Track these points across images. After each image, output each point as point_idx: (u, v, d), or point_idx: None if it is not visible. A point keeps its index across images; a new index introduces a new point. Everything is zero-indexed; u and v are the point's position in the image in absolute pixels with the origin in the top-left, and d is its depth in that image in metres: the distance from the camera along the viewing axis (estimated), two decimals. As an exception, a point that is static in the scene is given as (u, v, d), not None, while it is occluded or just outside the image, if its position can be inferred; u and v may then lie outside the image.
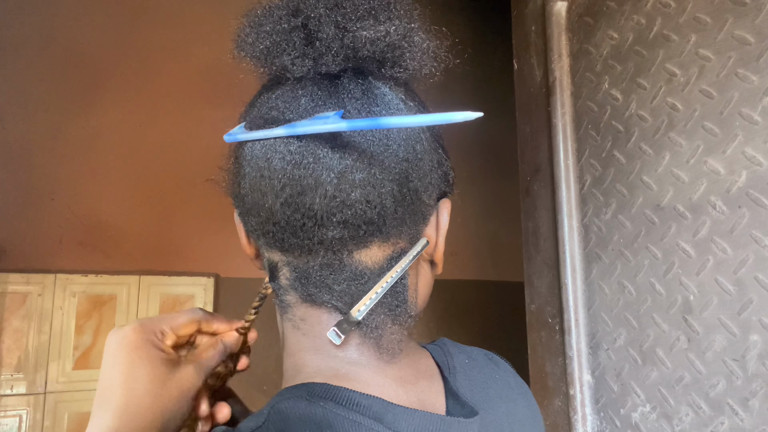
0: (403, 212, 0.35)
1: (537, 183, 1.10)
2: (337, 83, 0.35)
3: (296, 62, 0.34)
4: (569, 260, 0.98)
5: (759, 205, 0.68)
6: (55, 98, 1.69)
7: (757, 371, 0.67)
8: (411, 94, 0.39)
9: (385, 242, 0.35)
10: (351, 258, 0.35)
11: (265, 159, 0.34)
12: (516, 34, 1.20)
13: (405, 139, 0.35)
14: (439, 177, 0.39)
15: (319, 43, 0.33)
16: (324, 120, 0.32)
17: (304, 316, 0.37)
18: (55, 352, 1.58)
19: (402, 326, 0.38)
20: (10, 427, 1.50)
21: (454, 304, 2.31)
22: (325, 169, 0.32)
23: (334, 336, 0.35)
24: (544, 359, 1.04)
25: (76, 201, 1.69)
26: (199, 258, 1.79)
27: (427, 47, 0.36)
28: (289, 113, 0.34)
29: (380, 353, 0.37)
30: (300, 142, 0.33)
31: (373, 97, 0.35)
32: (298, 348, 0.38)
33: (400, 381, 0.37)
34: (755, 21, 0.69)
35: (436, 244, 0.39)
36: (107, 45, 1.77)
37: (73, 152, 1.70)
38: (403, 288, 0.37)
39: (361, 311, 0.35)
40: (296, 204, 0.33)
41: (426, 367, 0.41)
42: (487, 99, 2.38)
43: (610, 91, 0.93)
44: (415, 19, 0.36)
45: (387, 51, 0.34)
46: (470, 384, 0.41)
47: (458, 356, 0.44)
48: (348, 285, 0.35)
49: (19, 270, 1.58)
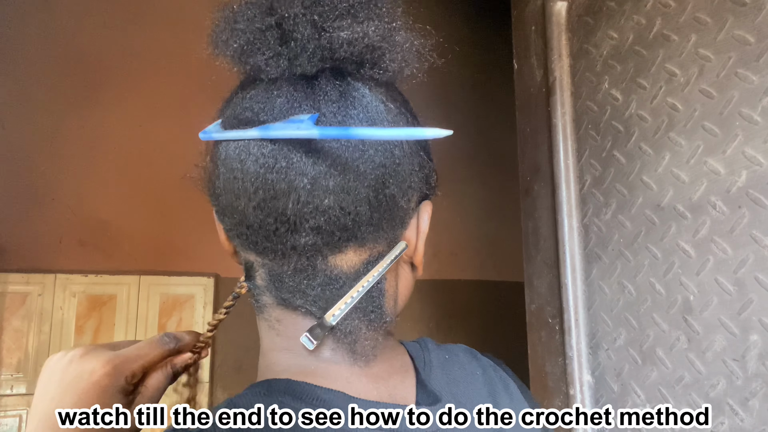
0: (379, 218, 0.34)
1: (537, 183, 1.10)
2: (314, 84, 0.34)
3: (270, 62, 0.33)
4: (569, 260, 0.98)
5: (759, 205, 0.68)
6: (55, 98, 1.69)
7: (757, 371, 0.67)
8: (393, 94, 0.37)
9: (361, 247, 0.35)
10: (325, 263, 0.34)
11: (239, 161, 0.33)
12: (516, 34, 1.20)
13: (382, 144, 0.33)
14: (419, 180, 0.37)
15: (294, 43, 0.32)
16: (298, 124, 0.31)
17: (279, 317, 0.37)
18: (55, 352, 1.57)
19: (377, 331, 0.37)
20: (10, 427, 1.50)
21: (454, 304, 2.31)
22: (298, 174, 0.32)
23: (306, 341, 0.34)
24: (544, 359, 1.04)
25: (76, 201, 1.69)
26: (199, 258, 1.79)
27: (410, 47, 0.35)
28: (264, 114, 0.33)
29: (354, 358, 0.36)
30: (274, 145, 0.32)
31: (351, 100, 0.34)
32: (271, 347, 0.37)
33: (372, 377, 0.37)
34: (755, 21, 0.69)
35: (415, 248, 0.38)
36: (107, 45, 1.77)
37: (73, 152, 1.70)
38: (379, 293, 0.37)
39: (335, 316, 0.34)
40: (269, 208, 0.32)
41: (401, 363, 0.40)
42: (487, 99, 2.38)
43: (610, 91, 0.93)
44: (397, 18, 0.34)
45: (365, 52, 0.33)
46: (447, 379, 0.41)
47: (436, 352, 0.43)
48: (322, 290, 0.35)
49: (19, 270, 1.58)
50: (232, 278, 1.81)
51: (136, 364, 0.39)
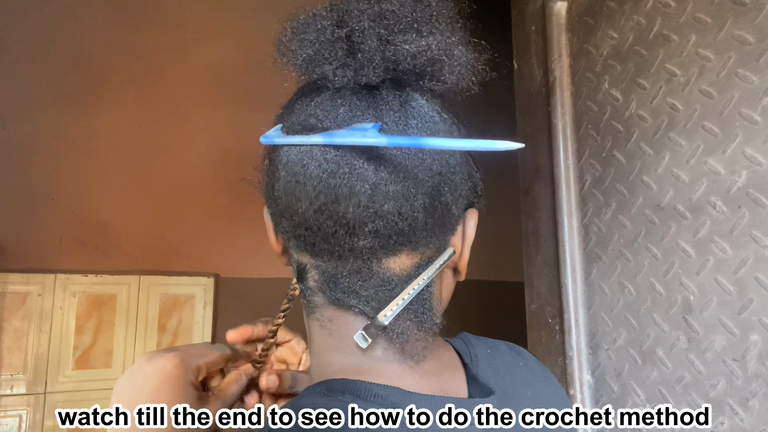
0: (433, 224, 0.36)
1: (537, 183, 1.10)
2: (375, 94, 0.35)
3: (337, 72, 0.35)
4: (569, 260, 0.98)
5: (759, 205, 0.68)
6: (55, 98, 1.69)
7: (757, 371, 0.67)
8: (447, 106, 0.39)
9: (414, 251, 0.36)
10: (380, 265, 0.36)
11: (301, 165, 0.34)
12: (516, 34, 1.20)
13: (439, 153, 0.35)
14: (468, 189, 0.39)
15: (361, 54, 0.34)
16: (362, 132, 0.32)
17: (331, 317, 0.38)
18: (55, 352, 1.58)
19: (427, 332, 0.38)
20: (10, 427, 1.50)
21: (454, 304, 2.30)
22: (359, 180, 0.33)
23: (361, 339, 0.36)
24: (544, 359, 1.03)
25: (76, 201, 1.69)
26: (199, 258, 1.78)
27: (466, 61, 0.37)
28: (327, 122, 0.35)
29: (404, 357, 0.37)
30: (337, 151, 0.33)
31: (410, 110, 0.35)
32: (323, 347, 0.38)
33: (424, 374, 0.38)
34: (755, 21, 0.69)
35: (461, 253, 0.40)
36: (107, 45, 1.77)
37: (73, 152, 1.70)
38: (429, 295, 0.38)
39: (387, 316, 0.35)
40: (330, 212, 0.34)
41: (449, 359, 0.42)
42: (487, 99, 2.38)
43: (610, 91, 0.93)
44: (456, 32, 0.36)
45: (427, 65, 0.35)
46: (494, 372, 0.42)
47: (480, 347, 0.45)
48: (375, 291, 0.36)
49: (19, 270, 1.58)
50: (233, 278, 1.81)
51: (201, 360, 0.42)
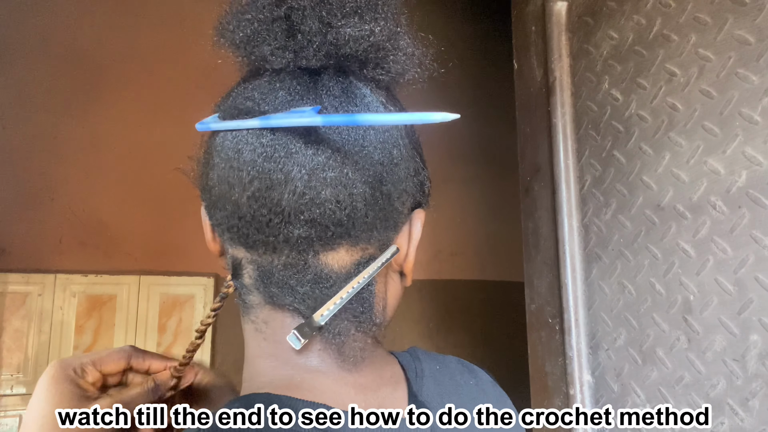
0: (373, 217, 0.34)
1: (537, 183, 1.10)
2: (316, 79, 0.34)
3: (276, 53, 0.33)
4: (569, 260, 0.98)
5: (759, 205, 0.68)
6: (55, 98, 1.69)
7: (757, 371, 0.67)
8: (392, 99, 0.38)
9: (353, 246, 0.34)
10: (316, 259, 0.34)
11: (236, 150, 0.33)
12: (516, 34, 1.20)
13: (381, 142, 0.34)
14: (414, 185, 0.37)
15: (301, 36, 0.33)
16: (300, 114, 0.31)
17: (266, 318, 0.36)
18: (55, 352, 1.58)
19: (366, 334, 0.37)
20: (10, 427, 1.50)
21: (454, 304, 2.31)
22: (296, 165, 0.31)
23: (294, 340, 0.34)
24: (544, 359, 1.03)
25: (76, 201, 1.69)
26: (199, 258, 1.78)
27: (412, 52, 0.35)
28: (265, 105, 0.33)
29: (342, 360, 0.36)
30: (273, 135, 0.32)
31: (352, 97, 0.34)
32: (256, 354, 0.37)
33: (360, 388, 0.36)
34: (755, 21, 0.69)
35: (406, 254, 0.38)
36: (107, 45, 1.77)
37: (73, 152, 1.70)
38: (369, 295, 0.36)
39: (324, 315, 0.34)
40: (264, 198, 0.32)
41: (391, 373, 0.40)
42: (487, 99, 2.38)
43: (610, 91, 0.93)
44: (401, 23, 0.35)
45: (370, 51, 0.34)
46: (439, 389, 0.41)
47: (428, 362, 0.43)
48: (312, 288, 0.34)
49: (19, 270, 1.58)
50: (232, 278, 1.81)
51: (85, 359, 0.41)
